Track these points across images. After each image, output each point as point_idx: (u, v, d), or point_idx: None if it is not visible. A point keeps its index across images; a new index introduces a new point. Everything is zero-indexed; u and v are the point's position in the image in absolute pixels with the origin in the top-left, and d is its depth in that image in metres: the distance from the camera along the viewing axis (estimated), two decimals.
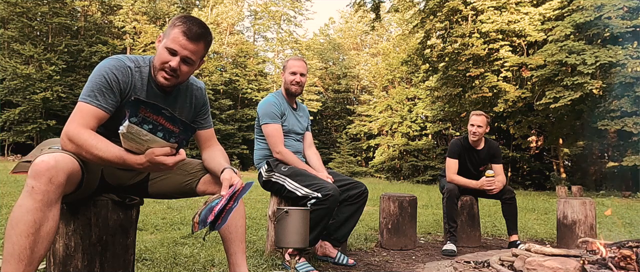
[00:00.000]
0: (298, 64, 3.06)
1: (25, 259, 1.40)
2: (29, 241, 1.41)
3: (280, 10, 35.61)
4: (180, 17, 1.73)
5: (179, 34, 1.68)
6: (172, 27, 1.71)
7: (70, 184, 1.53)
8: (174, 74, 1.73)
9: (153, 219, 4.61)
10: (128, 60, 1.77)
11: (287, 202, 2.91)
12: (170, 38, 1.70)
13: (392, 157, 28.81)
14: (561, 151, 18.79)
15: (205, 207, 1.63)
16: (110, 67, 1.70)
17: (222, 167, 1.82)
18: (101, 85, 1.66)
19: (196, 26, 1.69)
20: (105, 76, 1.67)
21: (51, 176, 1.44)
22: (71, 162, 1.52)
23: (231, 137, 29.55)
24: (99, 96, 1.65)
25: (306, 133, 3.21)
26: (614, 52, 13.50)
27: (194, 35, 1.69)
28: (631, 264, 2.27)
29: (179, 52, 1.70)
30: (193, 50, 1.71)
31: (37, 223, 1.42)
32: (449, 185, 3.77)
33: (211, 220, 1.56)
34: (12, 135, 25.33)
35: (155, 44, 1.81)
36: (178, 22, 1.70)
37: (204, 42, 1.73)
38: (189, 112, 1.95)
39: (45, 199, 1.43)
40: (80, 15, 29.90)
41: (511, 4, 17.19)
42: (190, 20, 1.71)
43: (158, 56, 1.74)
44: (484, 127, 3.85)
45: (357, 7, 21.79)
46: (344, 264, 2.92)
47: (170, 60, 1.70)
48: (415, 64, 24.04)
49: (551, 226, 5.29)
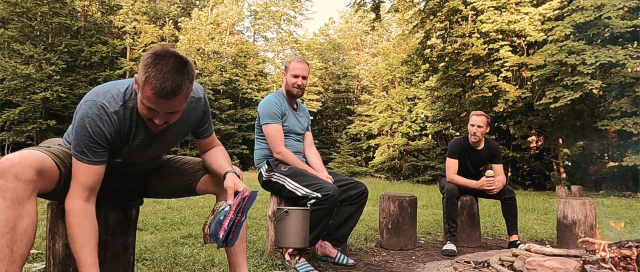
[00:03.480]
0: (300, 66, 3.04)
1: (5, 258, 1.40)
2: (6, 240, 1.41)
3: (280, 10, 35.63)
4: (151, 63, 1.47)
5: (151, 94, 1.47)
6: (143, 81, 1.48)
7: (45, 181, 1.52)
8: (164, 124, 1.61)
9: (153, 219, 4.61)
10: (113, 102, 1.59)
11: (287, 202, 2.91)
12: (145, 96, 1.50)
13: (392, 157, 28.80)
14: (561, 151, 18.79)
15: (214, 217, 1.63)
16: (94, 119, 1.56)
17: (224, 170, 1.76)
18: (88, 140, 1.56)
19: (169, 81, 1.45)
20: (89, 130, 1.56)
21: (16, 172, 1.43)
22: (39, 157, 1.50)
23: (231, 137, 29.55)
24: (88, 152, 1.57)
25: (306, 133, 3.21)
26: (614, 52, 13.49)
27: (168, 94, 1.46)
28: (631, 264, 2.27)
29: (158, 110, 1.53)
30: (173, 105, 1.53)
31: (10, 221, 1.42)
32: (449, 185, 3.76)
33: (222, 236, 1.59)
34: (12, 135, 25.34)
35: (134, 86, 1.60)
36: (149, 77, 1.46)
37: (182, 91, 1.50)
38: (188, 126, 1.83)
39: (14, 197, 1.42)
40: (80, 15, 29.90)
41: (511, 4, 17.19)
42: (163, 70, 1.45)
43: (140, 109, 1.58)
44: (484, 127, 3.85)
45: (357, 7, 21.79)
46: (344, 264, 2.92)
47: (153, 117, 1.56)
48: (415, 64, 24.03)
49: (551, 226, 5.28)
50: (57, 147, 1.69)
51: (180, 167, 1.99)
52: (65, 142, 1.80)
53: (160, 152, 1.92)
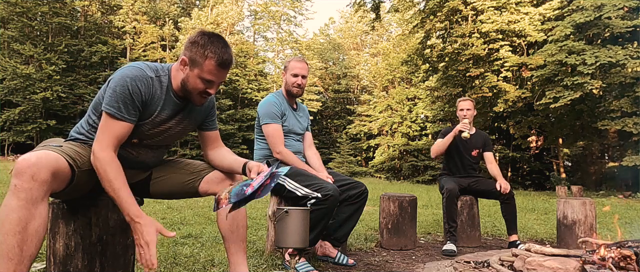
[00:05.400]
0: (300, 65, 3.05)
1: (14, 257, 1.40)
2: (17, 239, 1.41)
3: (280, 10, 35.60)
4: (206, 42, 1.71)
5: (214, 66, 1.71)
6: (203, 57, 1.70)
7: (58, 181, 1.53)
8: (210, 96, 1.82)
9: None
10: (149, 69, 1.77)
11: (287, 202, 2.91)
12: (206, 70, 1.71)
13: (392, 157, 28.80)
14: (561, 151, 18.79)
15: (236, 185, 1.75)
16: (133, 78, 1.70)
17: (242, 160, 1.91)
18: (126, 96, 1.68)
19: (226, 54, 1.72)
20: (129, 88, 1.68)
21: (33, 173, 1.43)
22: (55, 159, 1.51)
23: (231, 137, 29.53)
24: (124, 109, 1.68)
25: (306, 133, 3.22)
26: (614, 52, 13.49)
27: (228, 64, 1.74)
28: (631, 264, 2.27)
29: (216, 81, 1.76)
30: (226, 74, 1.79)
31: (23, 221, 1.42)
32: (449, 185, 3.77)
33: (250, 192, 1.68)
34: (12, 135, 25.33)
35: (180, 67, 1.77)
36: (209, 52, 1.69)
37: (234, 62, 1.83)
38: (199, 115, 1.97)
39: (28, 197, 1.43)
40: (80, 15, 29.90)
41: (511, 4, 17.18)
42: (218, 46, 1.71)
43: (193, 84, 1.75)
44: (472, 110, 4.04)
45: (357, 7, 21.79)
46: (344, 264, 2.92)
47: (209, 88, 1.77)
48: (415, 64, 24.03)
49: (551, 226, 5.29)
50: (69, 147, 1.70)
51: (183, 166, 2.01)
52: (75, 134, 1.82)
53: (172, 138, 1.98)
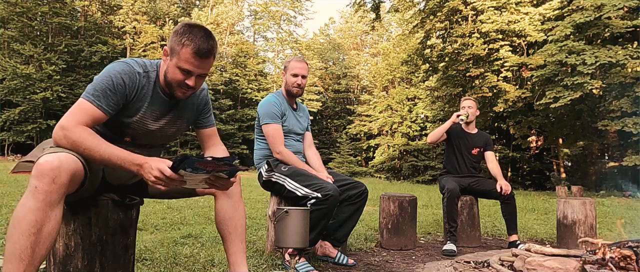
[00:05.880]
0: (300, 65, 3.05)
1: (26, 258, 1.40)
2: (30, 240, 1.41)
3: (280, 10, 35.59)
4: (185, 31, 1.70)
5: (190, 54, 1.69)
6: (180, 45, 1.69)
7: (73, 184, 1.54)
8: (192, 89, 1.78)
9: (153, 219, 4.61)
10: (137, 65, 1.78)
11: (287, 202, 2.91)
12: (182, 58, 1.70)
13: (392, 157, 28.79)
14: (561, 151, 18.77)
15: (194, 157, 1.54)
16: (119, 71, 1.71)
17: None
18: (107, 87, 1.67)
19: (205, 43, 1.69)
20: (113, 79, 1.68)
21: (54, 176, 1.44)
22: (74, 163, 1.52)
23: (231, 137, 29.52)
24: (102, 98, 1.66)
25: (306, 133, 3.22)
26: (614, 52, 13.48)
27: (205, 53, 1.70)
28: (631, 264, 2.27)
29: (193, 71, 1.72)
30: (206, 66, 1.74)
31: (38, 223, 1.42)
32: (449, 185, 3.77)
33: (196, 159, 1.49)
34: (12, 135, 25.32)
35: (162, 58, 1.80)
36: (186, 40, 1.68)
37: (214, 53, 1.75)
38: (191, 113, 1.97)
39: (47, 199, 1.43)
40: (80, 15, 29.88)
41: (511, 4, 17.17)
42: (197, 35, 1.69)
43: (172, 75, 1.74)
44: (474, 109, 4.10)
45: (357, 7, 21.79)
46: (344, 264, 2.92)
47: (187, 79, 1.74)
48: (415, 64, 24.02)
49: (551, 226, 5.29)
50: None
51: None
52: None
53: (168, 138, 1.98)
